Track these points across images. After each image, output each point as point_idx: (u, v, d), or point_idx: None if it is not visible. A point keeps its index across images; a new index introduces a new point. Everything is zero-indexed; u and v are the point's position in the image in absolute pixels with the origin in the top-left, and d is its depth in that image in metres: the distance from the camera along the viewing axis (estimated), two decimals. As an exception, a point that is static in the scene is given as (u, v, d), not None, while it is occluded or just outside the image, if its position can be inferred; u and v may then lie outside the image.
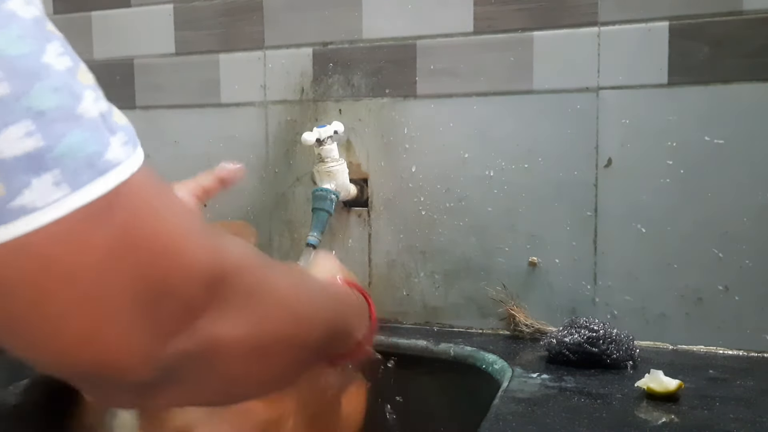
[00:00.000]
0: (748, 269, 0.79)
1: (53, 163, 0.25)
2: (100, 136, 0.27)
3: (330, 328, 0.45)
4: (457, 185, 0.91)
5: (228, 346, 0.33)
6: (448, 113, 0.90)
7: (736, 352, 0.80)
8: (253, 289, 0.35)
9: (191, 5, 1.03)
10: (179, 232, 0.30)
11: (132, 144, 0.29)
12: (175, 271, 0.29)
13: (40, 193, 0.25)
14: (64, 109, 0.26)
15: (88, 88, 0.28)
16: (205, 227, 0.33)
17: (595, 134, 0.84)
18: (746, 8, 0.77)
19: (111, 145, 0.28)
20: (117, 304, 0.28)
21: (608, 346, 0.74)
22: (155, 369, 0.30)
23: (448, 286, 0.93)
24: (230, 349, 0.33)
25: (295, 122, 0.99)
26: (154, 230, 0.29)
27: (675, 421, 0.60)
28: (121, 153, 0.28)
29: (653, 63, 0.81)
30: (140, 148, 0.30)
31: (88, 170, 0.26)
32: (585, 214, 0.85)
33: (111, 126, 0.28)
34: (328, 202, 0.88)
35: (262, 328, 0.35)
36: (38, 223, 0.25)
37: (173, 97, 1.06)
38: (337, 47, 0.96)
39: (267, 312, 0.36)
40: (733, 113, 0.78)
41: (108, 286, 0.27)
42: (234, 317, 0.33)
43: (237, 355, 0.34)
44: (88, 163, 0.26)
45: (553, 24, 0.84)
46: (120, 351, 0.28)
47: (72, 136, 0.26)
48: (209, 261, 0.31)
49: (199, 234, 0.32)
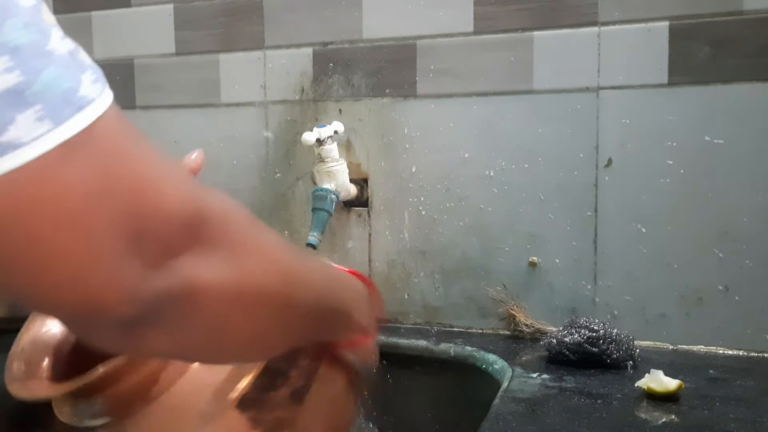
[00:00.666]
0: (748, 269, 0.79)
1: (34, 98, 0.25)
2: (72, 72, 0.27)
3: (323, 299, 0.44)
4: (457, 185, 0.91)
5: (209, 289, 0.32)
6: (448, 113, 0.90)
7: (736, 352, 0.80)
8: (236, 237, 0.34)
9: (191, 5, 1.03)
10: (157, 172, 0.30)
11: (101, 82, 0.29)
12: (154, 207, 0.29)
13: (24, 128, 0.25)
14: (37, 46, 0.26)
15: (54, 27, 0.29)
16: (184, 173, 0.33)
17: (595, 134, 0.84)
18: (746, 8, 0.77)
19: (83, 82, 0.27)
20: (101, 240, 0.28)
21: (608, 346, 0.74)
22: (138, 305, 0.30)
23: (448, 286, 0.93)
24: (211, 292, 0.33)
25: (295, 122, 0.99)
26: (133, 167, 0.29)
27: (675, 421, 0.60)
28: (93, 90, 0.28)
29: (653, 63, 0.81)
30: (108, 88, 0.29)
31: (67, 106, 0.26)
32: (585, 214, 0.85)
33: (80, 63, 0.28)
34: (328, 202, 0.88)
35: (245, 277, 0.34)
36: (24, 159, 0.25)
37: (173, 97, 1.06)
38: (337, 47, 0.96)
39: (251, 262, 0.35)
40: (733, 113, 0.78)
41: (92, 224, 0.27)
42: (215, 262, 0.32)
43: (219, 300, 0.33)
44: (66, 99, 0.26)
45: (553, 24, 0.84)
46: (104, 288, 0.28)
47: (48, 71, 0.26)
48: (188, 201, 0.31)
49: (178, 178, 0.32)
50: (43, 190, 0.26)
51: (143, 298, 0.30)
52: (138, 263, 0.29)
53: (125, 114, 0.30)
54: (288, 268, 0.39)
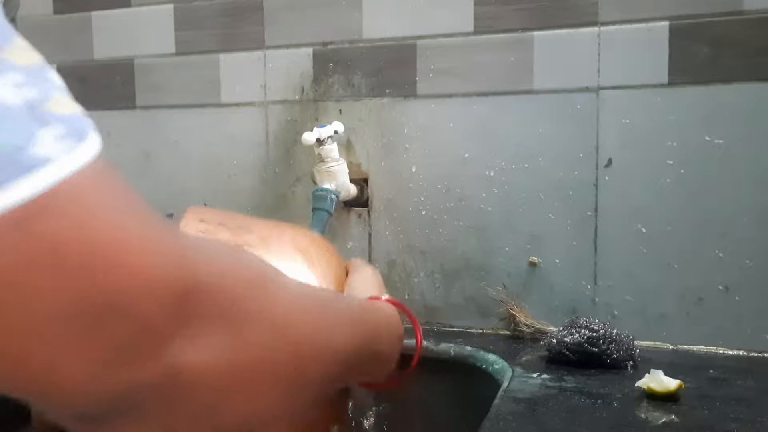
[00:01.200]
0: (748, 269, 0.79)
1: None
2: (20, 127, 0.23)
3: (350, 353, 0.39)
4: (457, 185, 0.91)
5: (198, 374, 0.28)
6: (448, 113, 0.90)
7: (736, 352, 0.80)
8: (234, 310, 0.30)
9: (191, 5, 1.03)
10: (133, 238, 0.25)
11: (75, 137, 0.24)
12: (125, 285, 0.24)
13: None
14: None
15: (15, 70, 0.23)
16: (173, 232, 0.27)
17: (595, 134, 0.84)
18: (746, 8, 0.77)
19: (37, 138, 0.23)
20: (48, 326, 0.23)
21: (608, 346, 0.74)
22: (102, 400, 0.25)
23: (448, 286, 0.93)
24: (202, 377, 0.28)
25: (295, 122, 0.99)
26: (98, 238, 0.24)
27: (675, 421, 0.60)
28: (54, 148, 0.23)
29: (653, 63, 0.81)
30: (92, 142, 0.25)
31: (8, 168, 0.22)
32: (585, 214, 0.85)
33: (41, 116, 0.23)
34: (328, 202, 0.88)
35: (243, 355, 0.30)
36: None
37: (173, 97, 1.06)
38: (337, 47, 0.96)
39: (251, 336, 0.30)
40: (733, 113, 0.78)
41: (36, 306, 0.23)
42: (210, 341, 0.28)
43: (211, 384, 0.29)
44: (9, 160, 0.22)
45: (553, 24, 0.84)
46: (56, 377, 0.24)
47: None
48: (173, 272, 0.26)
49: (162, 240, 0.26)
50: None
51: (110, 392, 0.25)
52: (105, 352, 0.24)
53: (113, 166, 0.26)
54: (300, 335, 0.34)
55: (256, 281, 0.32)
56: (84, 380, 0.24)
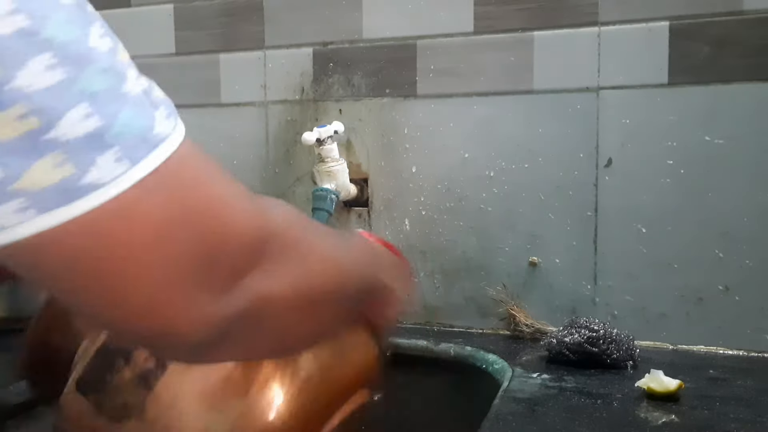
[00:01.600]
0: (748, 269, 0.79)
1: (112, 140, 0.27)
2: (146, 111, 0.29)
3: (368, 278, 0.48)
4: (457, 185, 0.91)
5: (276, 301, 0.35)
6: (448, 113, 0.90)
7: (736, 352, 0.80)
8: (297, 247, 0.37)
9: (191, 5, 1.03)
10: (226, 198, 0.32)
11: (173, 117, 0.31)
12: (227, 236, 0.31)
13: (105, 169, 0.27)
14: (113, 89, 0.28)
15: (129, 67, 0.31)
16: (247, 193, 0.34)
17: (595, 134, 0.84)
18: (746, 8, 0.77)
19: (156, 119, 0.29)
20: (176, 272, 0.29)
21: (608, 346, 0.74)
22: (212, 330, 0.31)
23: (448, 286, 0.93)
24: (279, 303, 0.35)
25: (295, 122, 0.99)
26: (205, 198, 0.31)
27: (675, 421, 0.60)
28: (166, 126, 0.29)
29: (653, 63, 0.81)
30: (180, 121, 0.31)
31: (143, 145, 0.28)
32: (585, 214, 0.85)
33: (153, 101, 0.30)
34: (328, 202, 0.88)
35: (308, 282, 0.37)
36: (104, 198, 0.27)
37: (173, 97, 1.05)
38: (337, 47, 0.96)
39: (311, 267, 0.38)
40: (733, 113, 0.78)
41: (167, 256, 0.29)
42: (280, 274, 0.35)
43: (286, 309, 0.36)
44: (142, 139, 0.28)
45: (553, 24, 0.84)
46: (179, 317, 0.30)
47: (124, 113, 0.28)
48: (255, 224, 0.33)
49: (244, 199, 0.33)
50: (121, 226, 0.27)
51: (215, 323, 0.31)
52: (209, 290, 0.31)
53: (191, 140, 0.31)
54: (340, 263, 0.43)
55: (304, 226, 0.40)
56: (202, 315, 0.31)
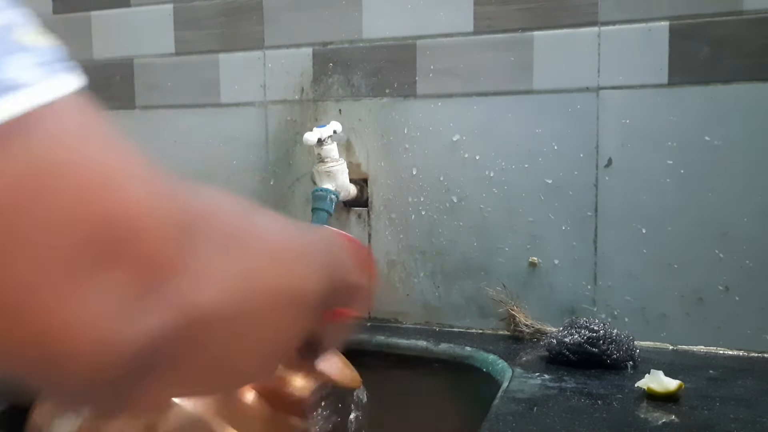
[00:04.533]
0: (748, 269, 0.79)
1: None
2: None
3: (330, 275, 0.38)
4: (457, 185, 0.91)
5: (215, 310, 0.26)
6: (448, 113, 0.90)
7: (736, 352, 0.80)
8: (234, 238, 0.28)
9: (191, 5, 1.03)
10: (125, 165, 0.23)
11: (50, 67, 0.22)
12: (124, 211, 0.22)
13: None
14: None
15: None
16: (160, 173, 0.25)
17: (595, 134, 0.84)
18: (746, 8, 0.77)
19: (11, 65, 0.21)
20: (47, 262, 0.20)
21: (608, 347, 0.74)
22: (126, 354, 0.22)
23: (448, 286, 0.93)
24: (219, 313, 0.26)
25: (295, 122, 0.99)
26: (86, 164, 0.21)
27: (675, 421, 0.60)
28: (28, 75, 0.21)
29: (653, 63, 0.81)
30: (73, 77, 0.23)
31: None
32: (585, 214, 0.85)
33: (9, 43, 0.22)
34: (328, 202, 0.88)
35: (253, 284, 0.29)
36: None
37: (173, 97, 1.06)
38: (337, 47, 0.96)
39: (255, 264, 0.29)
40: (733, 113, 0.78)
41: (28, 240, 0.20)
42: (216, 276, 0.26)
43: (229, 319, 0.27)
44: None
45: (553, 24, 0.84)
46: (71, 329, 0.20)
47: None
48: (169, 205, 0.24)
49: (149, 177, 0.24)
50: None
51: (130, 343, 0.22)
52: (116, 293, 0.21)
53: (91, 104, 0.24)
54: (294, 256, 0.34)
55: (242, 211, 0.31)
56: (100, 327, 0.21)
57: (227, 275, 0.27)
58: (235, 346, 0.28)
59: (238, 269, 0.28)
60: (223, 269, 0.26)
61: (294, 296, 0.33)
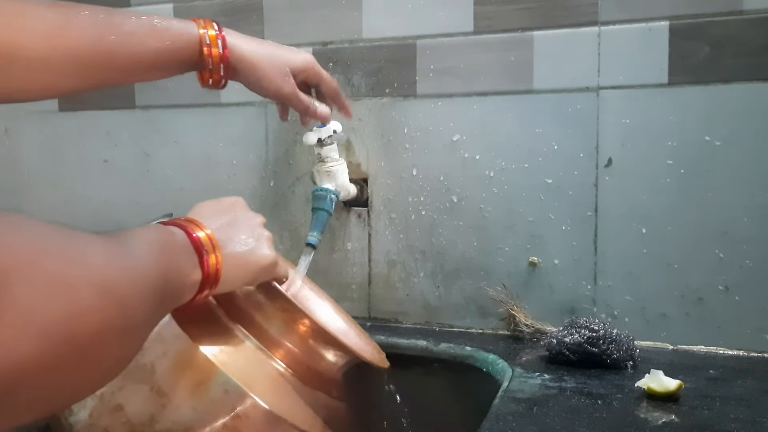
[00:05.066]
0: (748, 269, 0.79)
1: None
2: None
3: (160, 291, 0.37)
4: (457, 185, 0.91)
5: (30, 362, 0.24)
6: (448, 113, 0.90)
7: (736, 352, 0.80)
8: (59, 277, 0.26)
9: (191, 5, 1.03)
10: None
11: None
12: None
13: None
14: None
15: None
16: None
17: (595, 134, 0.84)
18: (746, 8, 0.77)
19: None
20: None
21: (608, 346, 0.74)
22: None
23: (448, 286, 0.93)
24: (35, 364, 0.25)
25: (295, 122, 0.99)
26: None
27: (675, 421, 0.60)
28: None
29: (653, 63, 0.81)
30: None
31: None
32: (585, 214, 0.85)
33: None
34: (328, 202, 0.88)
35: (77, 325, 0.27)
36: None
37: (173, 97, 1.06)
38: (337, 47, 0.96)
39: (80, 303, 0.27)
40: (733, 113, 0.78)
41: None
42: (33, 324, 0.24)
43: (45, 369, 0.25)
44: None
45: (553, 24, 0.84)
46: None
47: None
48: None
49: None
50: None
51: None
52: None
53: None
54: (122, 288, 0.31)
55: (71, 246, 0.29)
56: None
57: (47, 321, 0.25)
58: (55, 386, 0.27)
59: (60, 312, 0.26)
60: (43, 314, 0.25)
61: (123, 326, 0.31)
